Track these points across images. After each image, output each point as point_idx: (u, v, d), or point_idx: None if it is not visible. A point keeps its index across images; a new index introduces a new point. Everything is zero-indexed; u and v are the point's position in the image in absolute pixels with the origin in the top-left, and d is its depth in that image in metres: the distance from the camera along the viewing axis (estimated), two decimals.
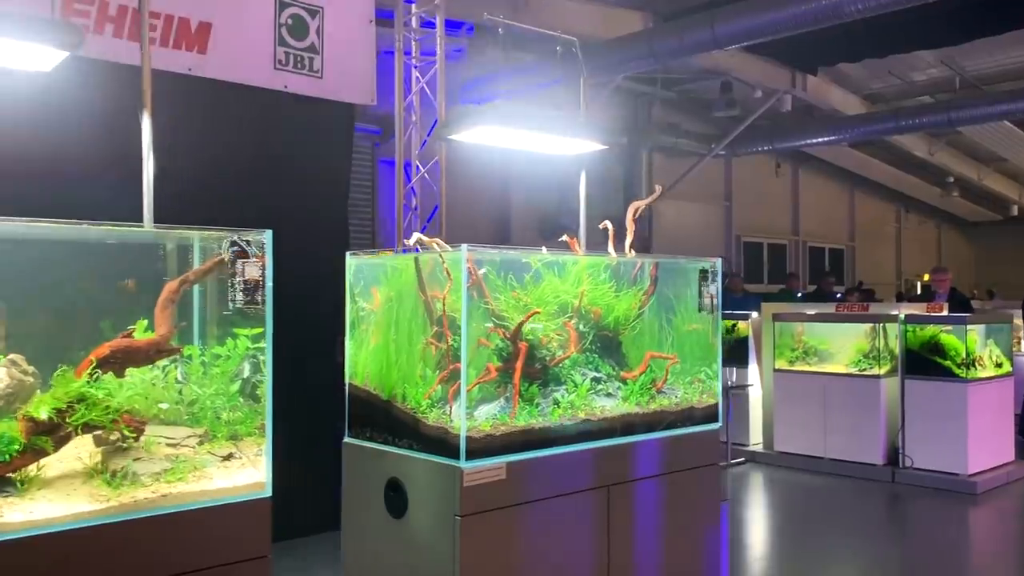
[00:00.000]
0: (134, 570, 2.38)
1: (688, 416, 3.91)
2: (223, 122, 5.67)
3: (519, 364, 3.41)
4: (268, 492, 2.69)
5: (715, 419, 4.02)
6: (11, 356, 2.58)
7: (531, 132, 4.00)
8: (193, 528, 2.51)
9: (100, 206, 3.19)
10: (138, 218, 3.10)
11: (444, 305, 3.31)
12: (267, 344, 2.73)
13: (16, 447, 2.31)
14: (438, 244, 3.36)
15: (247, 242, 2.69)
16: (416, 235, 3.40)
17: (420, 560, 3.28)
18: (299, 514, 5.18)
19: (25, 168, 4.52)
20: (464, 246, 3.18)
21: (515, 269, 3.61)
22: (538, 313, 3.47)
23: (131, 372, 2.72)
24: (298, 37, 6.12)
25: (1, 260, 2.55)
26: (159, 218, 3.06)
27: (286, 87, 5.95)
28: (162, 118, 5.27)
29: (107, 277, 2.79)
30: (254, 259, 2.68)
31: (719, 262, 4.13)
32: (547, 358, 3.57)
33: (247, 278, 2.66)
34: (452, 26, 9.45)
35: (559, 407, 3.49)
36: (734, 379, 8.80)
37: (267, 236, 2.71)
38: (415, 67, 7.05)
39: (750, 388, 8.91)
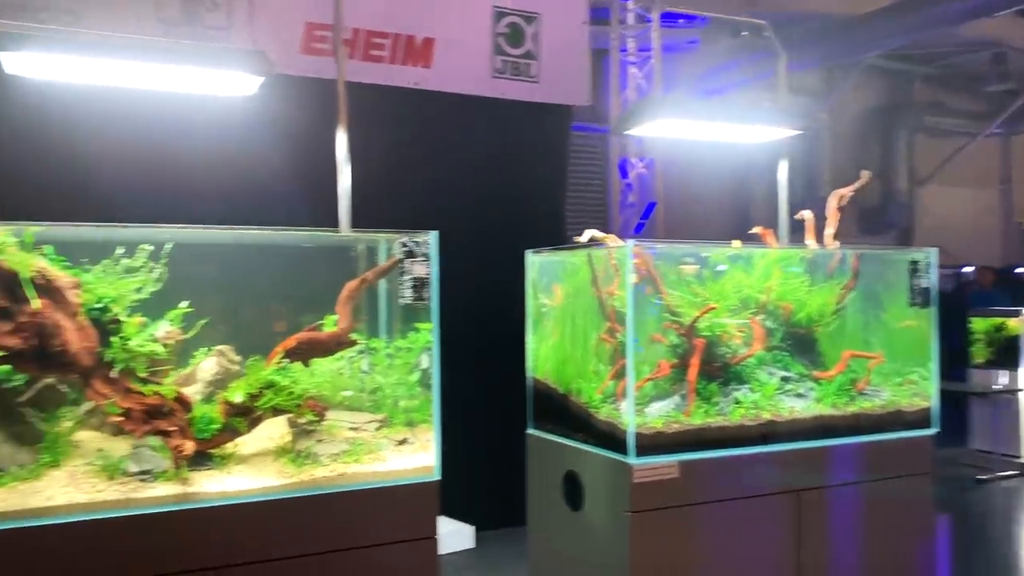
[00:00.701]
0: (312, 541, 2.65)
1: (895, 420, 3.59)
2: (445, 132, 6.03)
3: (695, 361, 3.33)
4: (436, 476, 2.86)
5: (927, 424, 3.66)
6: (219, 347, 2.98)
7: (710, 123, 3.89)
8: (366, 505, 2.73)
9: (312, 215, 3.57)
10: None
11: (614, 301, 3.32)
12: (434, 338, 2.91)
13: (215, 426, 2.65)
14: (611, 240, 3.38)
15: (416, 243, 2.88)
16: (589, 232, 3.44)
17: (595, 554, 3.32)
18: (488, 506, 5.39)
19: (254, 179, 5.08)
20: (631, 241, 3.17)
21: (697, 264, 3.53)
22: (714, 309, 3.37)
23: (320, 362, 3.02)
24: (514, 44, 6.36)
25: (211, 264, 2.94)
26: (387, 224, 3.23)
27: (503, 94, 6.21)
28: (392, 130, 5.79)
29: (303, 277, 3.12)
30: (421, 258, 2.86)
31: (934, 252, 3.74)
32: (728, 355, 3.45)
33: (415, 275, 2.86)
34: (686, 18, 9.31)
35: (740, 406, 3.37)
36: (1005, 382, 7.88)
37: (432, 237, 2.89)
38: (631, 63, 7.05)
39: (1021, 393, 7.92)
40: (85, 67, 2.79)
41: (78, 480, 2.48)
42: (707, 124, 3.91)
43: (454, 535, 5.80)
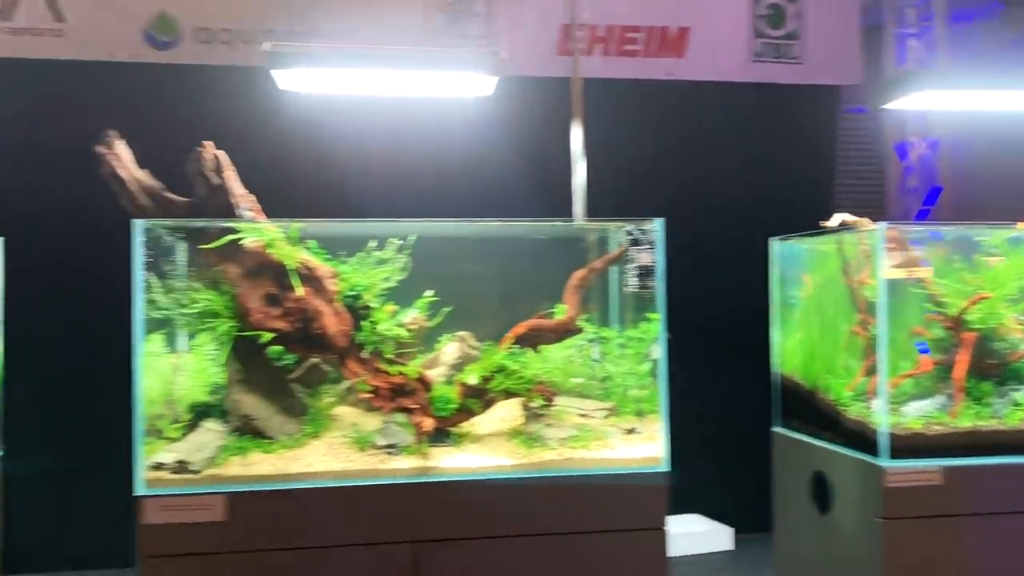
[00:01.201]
0: (539, 521, 2.72)
1: None
2: (699, 121, 5.91)
3: (963, 357, 2.98)
4: (665, 467, 2.82)
5: None
6: (461, 333, 3.16)
7: (1000, 93, 3.43)
8: (593, 491, 2.76)
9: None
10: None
11: (866, 290, 3.06)
12: (661, 327, 2.87)
13: (453, 406, 2.83)
14: (863, 223, 3.13)
15: (641, 231, 2.86)
16: (839, 215, 3.21)
17: (844, 561, 3.09)
18: (749, 509, 5.17)
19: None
20: (882, 224, 2.91)
21: (967, 249, 3.16)
22: (987, 298, 2.99)
23: (551, 349, 3.11)
24: (775, 26, 6.09)
25: (455, 255, 3.12)
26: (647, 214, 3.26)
27: (764, 79, 5.96)
28: (643, 122, 5.78)
29: (539, 267, 3.23)
30: (647, 246, 2.84)
31: None
32: (1006, 351, 3.05)
33: (640, 264, 2.84)
34: None
35: (1020, 409, 2.96)
36: None
37: (657, 224, 2.85)
38: (910, 35, 6.44)
39: None
40: (343, 78, 3.10)
41: (335, 450, 2.76)
42: (996, 95, 3.46)
43: (711, 535, 5.67)
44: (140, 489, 2.56)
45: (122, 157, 2.76)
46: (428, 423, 2.78)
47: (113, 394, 3.01)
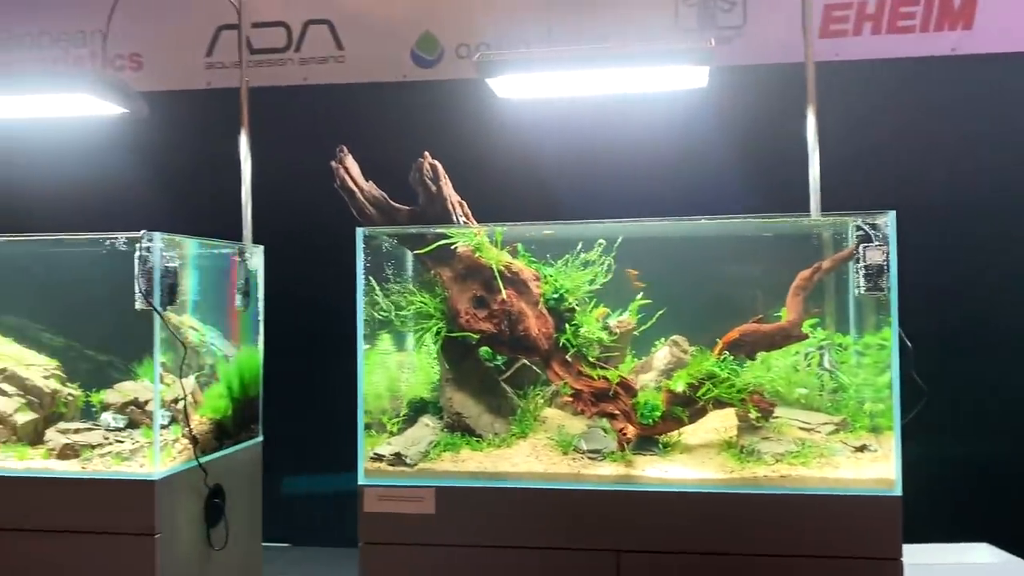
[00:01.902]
0: (748, 542, 2.54)
1: None
2: (988, 101, 5.20)
3: None
4: (897, 491, 2.50)
5: None
6: (674, 337, 3.03)
7: None
8: (811, 512, 2.53)
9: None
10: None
11: None
12: (893, 332, 2.55)
13: (658, 414, 2.72)
14: None
15: (871, 225, 2.57)
16: None
17: None
18: None
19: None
20: None
21: None
22: None
23: (775, 356, 2.89)
24: None
25: (668, 256, 3.00)
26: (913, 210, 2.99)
27: None
28: (912, 103, 5.20)
29: (761, 267, 3.01)
30: (876, 244, 2.54)
31: None
32: None
33: (868, 263, 2.55)
34: None
35: None
36: None
37: (889, 218, 2.53)
38: None
39: None
40: (556, 81, 3.10)
41: (539, 451, 2.78)
42: None
43: (1003, 568, 4.96)
44: (361, 478, 2.75)
45: (352, 171, 2.99)
46: (631, 430, 2.70)
47: (350, 388, 3.26)
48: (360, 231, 2.78)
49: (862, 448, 2.66)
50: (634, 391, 2.76)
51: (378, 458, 2.76)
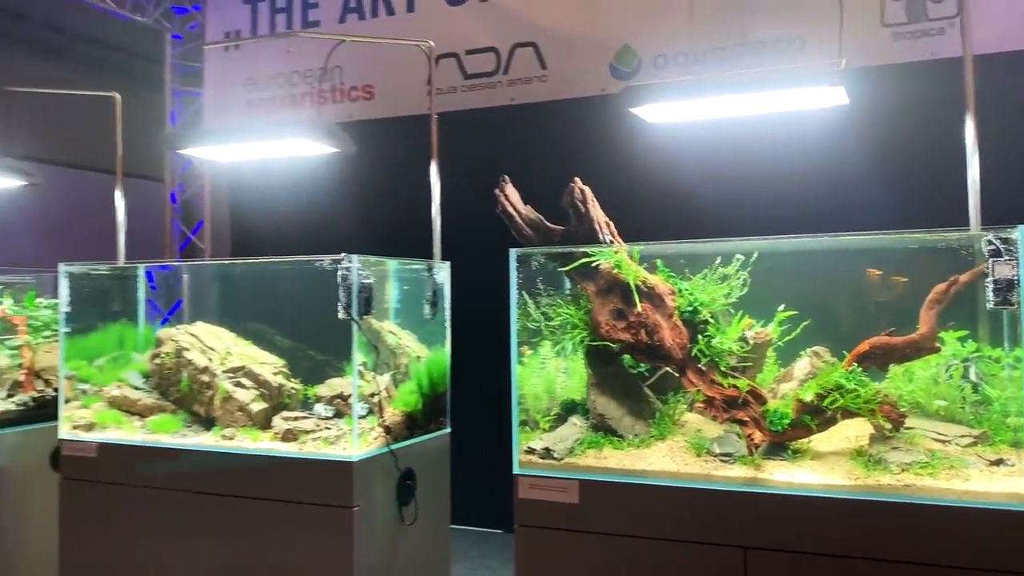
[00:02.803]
0: (871, 547, 2.62)
1: None
2: None
3: None
4: None
5: None
6: (815, 348, 3.13)
7: None
8: (937, 523, 2.56)
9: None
10: None
11: None
12: None
13: (787, 421, 2.86)
14: None
15: (1002, 240, 2.55)
16: None
17: None
18: None
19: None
20: None
21: None
22: None
23: (915, 367, 2.91)
24: None
25: (811, 269, 3.11)
26: None
27: None
28: None
29: (906, 279, 3.03)
30: (1006, 258, 2.52)
31: None
32: None
33: (998, 277, 2.53)
34: None
35: None
36: None
37: (1019, 232, 2.50)
38: None
39: None
40: (699, 107, 3.30)
41: (674, 452, 3.02)
42: None
43: None
44: (516, 468, 3.14)
45: (511, 197, 3.39)
46: (759, 436, 2.86)
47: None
48: (512, 252, 3.16)
49: (998, 462, 2.64)
50: (764, 399, 2.92)
51: (531, 451, 3.14)
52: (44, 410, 4.30)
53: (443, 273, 4.02)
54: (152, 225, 8.67)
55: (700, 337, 3.01)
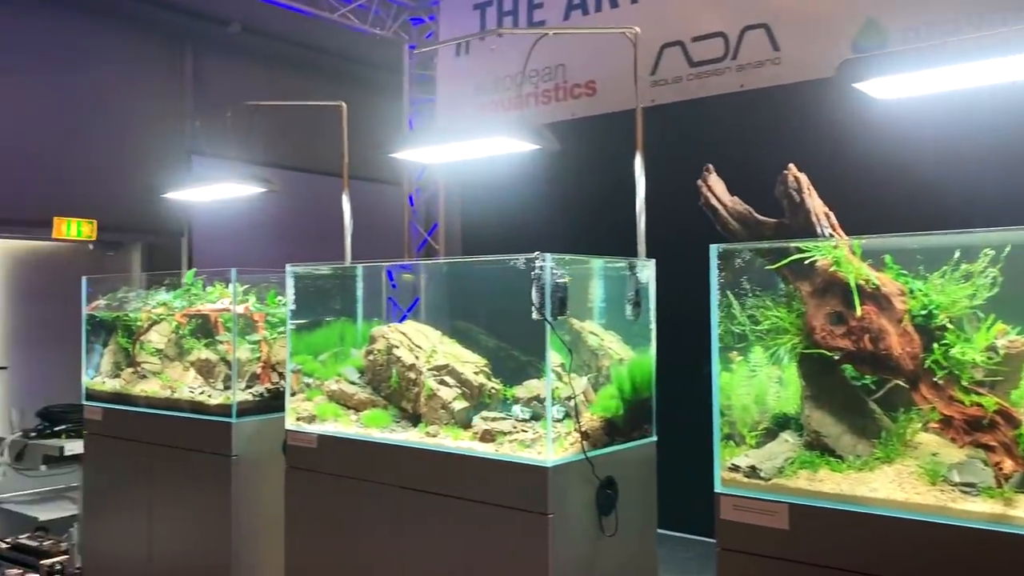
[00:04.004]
0: None
1: None
2: None
3: None
4: None
5: None
6: None
7: None
8: None
9: None
10: None
11: None
12: None
13: None
14: None
15: None
16: None
17: None
18: None
19: None
20: None
21: None
22: None
23: None
24: None
25: None
26: None
27: None
28: None
29: None
30: None
31: None
32: None
33: None
34: None
35: None
36: None
37: None
38: None
39: None
40: (933, 79, 2.81)
41: (903, 478, 2.59)
42: None
43: None
44: (717, 486, 2.86)
45: (715, 188, 3.10)
46: (1010, 465, 2.39)
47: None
48: (713, 248, 2.88)
49: None
50: (1017, 421, 2.42)
51: (735, 469, 2.84)
52: (278, 401, 4.59)
53: (647, 271, 3.80)
54: (395, 226, 9.15)
55: (936, 346, 2.56)
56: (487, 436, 3.51)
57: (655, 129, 6.80)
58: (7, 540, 6.51)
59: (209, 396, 4.67)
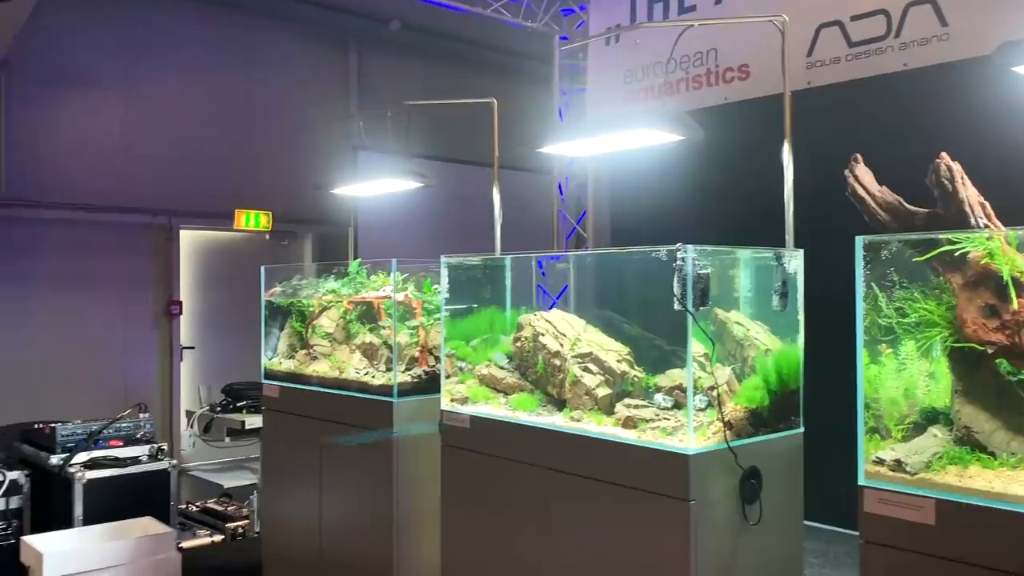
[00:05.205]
0: None
1: None
2: None
3: None
4: None
5: None
6: None
7: None
8: None
9: None
10: None
11: None
12: None
13: None
14: None
15: None
16: None
17: None
18: None
19: None
20: None
21: None
22: None
23: None
24: None
25: None
26: None
27: None
28: None
29: None
30: None
31: None
32: None
33: None
34: None
35: None
36: None
37: None
38: None
39: None
40: None
41: None
42: None
43: None
44: (861, 479, 2.85)
45: (862, 178, 3.06)
46: None
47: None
48: (859, 239, 2.85)
49: None
50: None
51: (879, 462, 2.82)
52: (434, 383, 4.86)
53: (795, 262, 3.77)
54: (544, 215, 9.36)
55: None
56: (629, 423, 3.62)
57: (810, 112, 6.64)
58: (197, 504, 7.23)
59: (373, 377, 5.02)
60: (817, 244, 4.09)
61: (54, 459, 6.18)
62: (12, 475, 5.93)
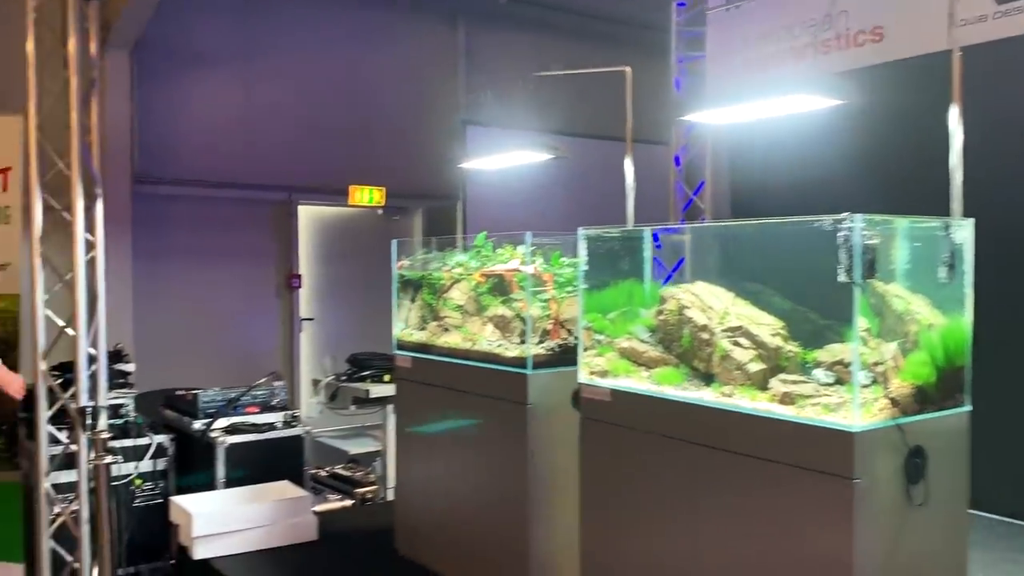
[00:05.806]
0: None
1: None
2: None
3: None
4: None
5: None
6: None
7: None
8: None
9: None
10: None
11: None
12: None
13: None
14: None
15: None
16: None
17: None
18: None
19: None
20: None
21: None
22: None
23: None
24: None
25: None
26: None
27: None
28: None
29: None
30: None
31: None
32: None
33: None
34: None
35: None
36: None
37: None
38: None
39: None
40: None
41: None
42: None
43: None
44: None
45: None
46: None
47: None
48: None
49: None
50: None
51: None
52: (566, 355, 4.86)
53: (963, 232, 3.59)
54: (660, 187, 9.21)
55: None
56: (787, 399, 3.53)
57: (949, 76, 6.30)
58: (326, 469, 7.46)
59: (506, 349, 5.05)
60: (970, 211, 3.89)
61: (197, 424, 6.46)
62: (159, 438, 6.23)
